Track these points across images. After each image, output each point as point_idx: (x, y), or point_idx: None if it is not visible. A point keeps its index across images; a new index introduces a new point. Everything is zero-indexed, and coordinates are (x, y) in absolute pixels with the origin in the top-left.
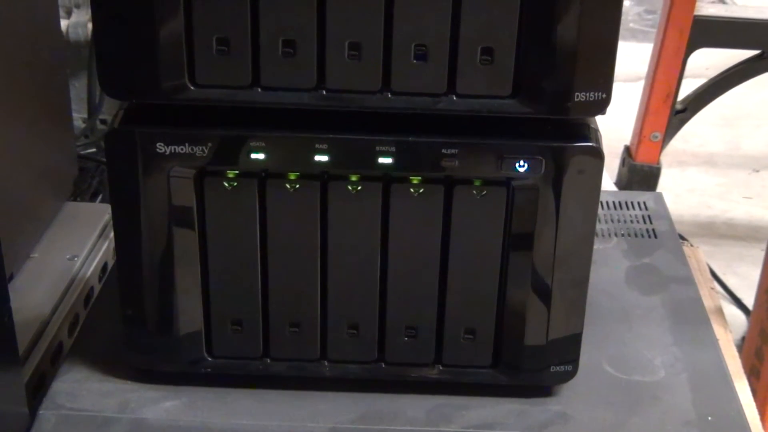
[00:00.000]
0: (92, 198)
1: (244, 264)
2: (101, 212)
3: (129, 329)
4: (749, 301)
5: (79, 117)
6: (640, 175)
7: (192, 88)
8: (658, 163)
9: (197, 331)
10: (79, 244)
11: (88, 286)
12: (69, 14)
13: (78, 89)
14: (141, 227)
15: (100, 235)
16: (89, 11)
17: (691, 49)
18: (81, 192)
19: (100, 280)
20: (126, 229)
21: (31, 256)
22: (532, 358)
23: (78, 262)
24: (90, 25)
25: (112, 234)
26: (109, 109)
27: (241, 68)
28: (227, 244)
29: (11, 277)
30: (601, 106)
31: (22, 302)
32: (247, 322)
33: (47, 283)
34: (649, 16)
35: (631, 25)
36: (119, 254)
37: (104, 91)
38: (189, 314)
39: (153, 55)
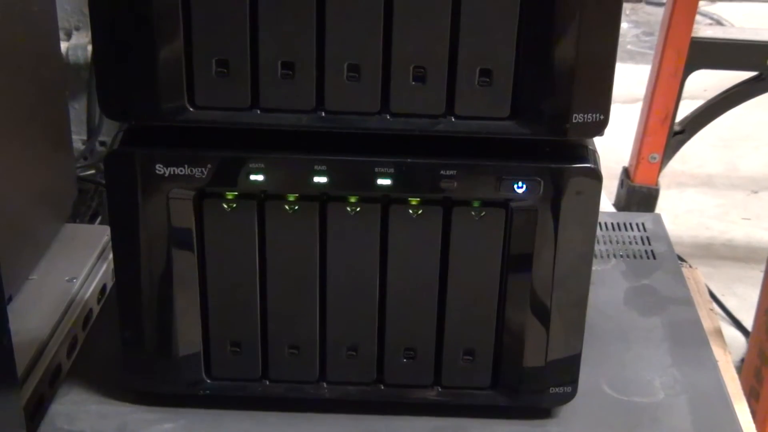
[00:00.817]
0: (91, 220)
1: (243, 285)
2: (100, 234)
3: (127, 351)
4: (748, 323)
5: (78, 139)
6: (639, 196)
7: (191, 109)
8: (657, 184)
9: (196, 353)
10: (77, 266)
11: (86, 308)
12: (69, 36)
13: (78, 111)
14: (140, 249)
15: (98, 257)
16: (89, 33)
17: (688, 70)
18: (80, 214)
19: (98, 302)
20: (125, 250)
21: (30, 277)
22: (531, 380)
23: (77, 283)
24: (90, 48)
25: (110, 256)
26: (109, 131)
27: (241, 90)
28: (226, 265)
29: (10, 299)
30: (599, 127)
31: (21, 324)
32: (245, 344)
33: (46, 305)
34: (647, 38)
35: (629, 47)
36: (118, 276)
37: (104, 113)
38: (188, 336)
39: (153, 77)
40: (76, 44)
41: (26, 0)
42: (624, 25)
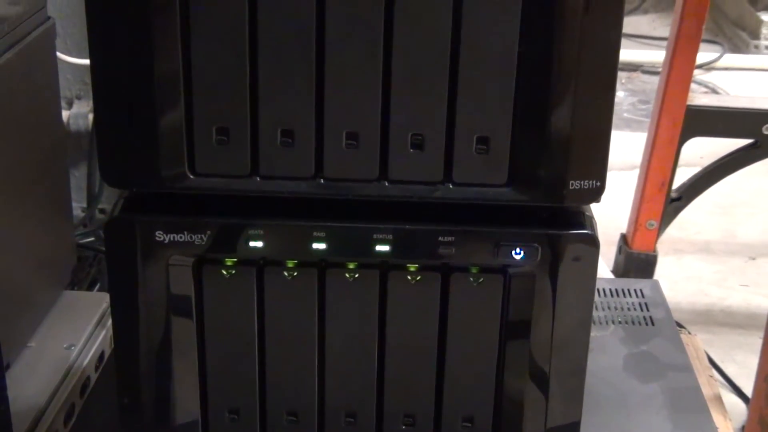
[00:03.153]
0: (90, 287)
1: (242, 352)
2: (99, 301)
3: (125, 418)
4: (749, 389)
5: (78, 206)
6: (637, 262)
7: (191, 177)
8: (655, 250)
9: (194, 421)
10: (76, 333)
11: (84, 375)
12: (70, 105)
13: (78, 179)
14: (139, 315)
15: (97, 324)
16: (90, 103)
17: (684, 138)
18: (79, 281)
19: (96, 370)
20: (124, 317)
21: (28, 345)
22: None
23: (75, 351)
24: (91, 116)
25: (109, 323)
26: (109, 199)
27: (241, 157)
28: (225, 331)
29: (8, 367)
30: (596, 194)
31: (19, 391)
32: (244, 411)
33: (44, 373)
34: (643, 106)
35: (626, 114)
36: (117, 342)
37: (105, 181)
38: (186, 403)
39: (153, 144)
40: (77, 113)
41: (29, 68)
42: (620, 94)
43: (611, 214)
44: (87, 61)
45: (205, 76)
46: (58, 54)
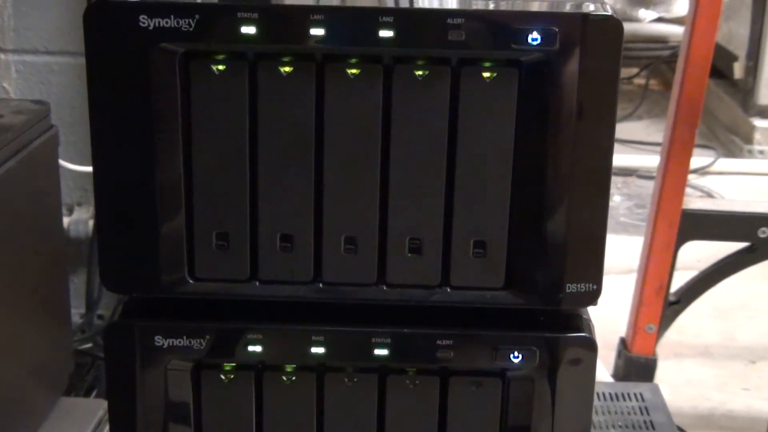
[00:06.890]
0: (87, 393)
1: None
2: (96, 408)
3: None
4: None
5: (76, 312)
6: (637, 366)
7: (191, 282)
8: (654, 354)
9: None
10: None
11: None
12: (71, 212)
13: (77, 285)
14: (137, 421)
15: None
16: (90, 209)
17: (681, 241)
18: (76, 387)
19: None
20: (122, 423)
21: None
22: None
23: None
24: (90, 223)
25: (106, 429)
26: (107, 305)
27: (240, 262)
28: None
29: None
30: (593, 297)
31: None
32: None
33: None
34: (639, 210)
35: (622, 219)
36: None
37: (105, 286)
38: None
39: (154, 250)
40: (78, 219)
41: (32, 175)
42: (617, 198)
43: (610, 318)
44: (89, 168)
45: (206, 183)
46: (60, 161)
